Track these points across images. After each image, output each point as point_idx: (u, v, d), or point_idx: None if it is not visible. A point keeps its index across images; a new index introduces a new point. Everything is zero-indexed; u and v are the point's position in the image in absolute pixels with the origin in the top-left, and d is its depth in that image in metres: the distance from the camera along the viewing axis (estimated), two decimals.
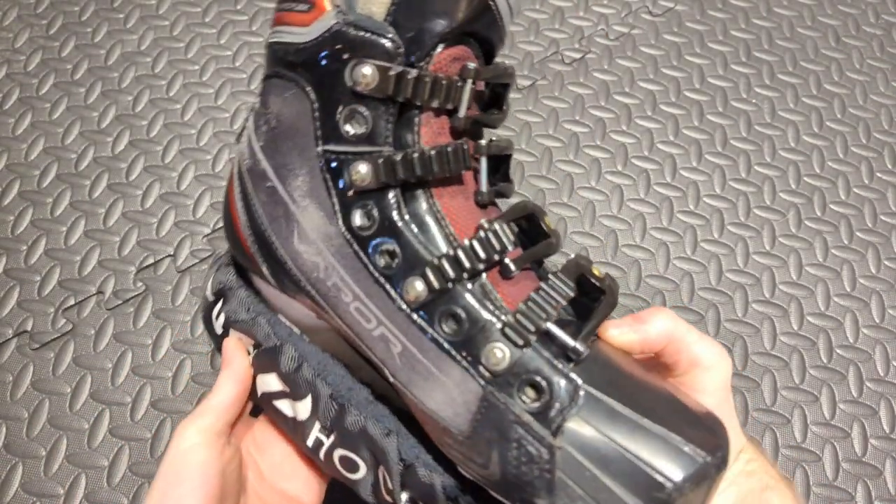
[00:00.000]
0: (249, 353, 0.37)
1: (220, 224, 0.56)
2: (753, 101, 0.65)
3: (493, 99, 0.34)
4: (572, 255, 0.32)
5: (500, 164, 0.35)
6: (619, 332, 0.32)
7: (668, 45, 0.67)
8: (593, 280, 0.31)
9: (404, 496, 0.33)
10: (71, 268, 0.53)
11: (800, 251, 0.57)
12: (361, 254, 0.31)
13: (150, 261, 0.54)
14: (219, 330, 0.39)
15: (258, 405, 0.39)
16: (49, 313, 0.52)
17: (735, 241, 0.57)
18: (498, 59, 0.34)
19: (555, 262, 0.34)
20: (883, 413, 0.51)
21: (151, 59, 0.64)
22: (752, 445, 0.35)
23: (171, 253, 0.54)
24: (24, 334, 0.51)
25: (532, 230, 0.33)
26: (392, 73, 0.29)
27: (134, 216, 0.56)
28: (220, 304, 0.38)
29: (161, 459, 0.46)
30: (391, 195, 0.31)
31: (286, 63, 0.32)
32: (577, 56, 0.66)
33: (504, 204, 0.35)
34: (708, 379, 0.33)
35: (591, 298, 0.31)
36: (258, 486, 0.37)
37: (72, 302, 0.52)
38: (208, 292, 0.39)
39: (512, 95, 0.63)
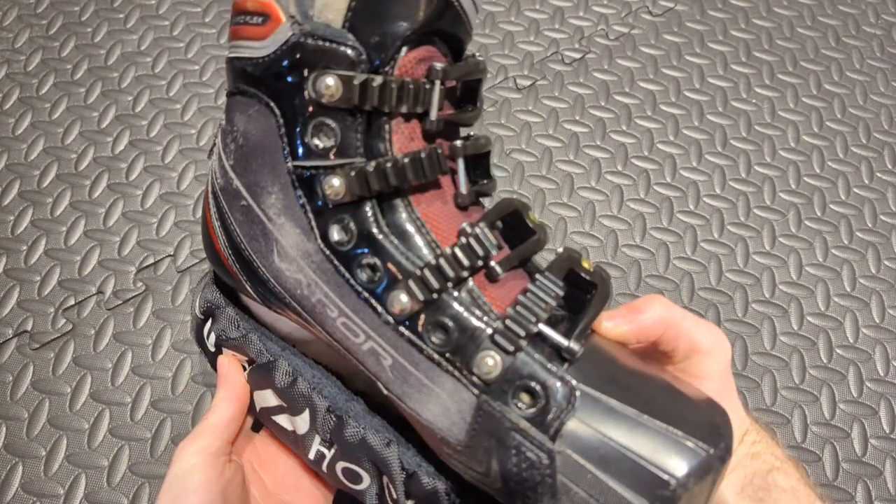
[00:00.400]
0: (245, 369, 0.37)
1: None
2: (753, 101, 0.65)
3: (467, 95, 0.33)
4: (561, 249, 0.32)
5: (480, 161, 0.34)
6: (614, 325, 0.31)
7: (668, 45, 0.67)
8: (583, 274, 0.31)
9: None
10: (71, 268, 0.53)
11: (800, 251, 0.57)
12: (342, 269, 0.30)
13: (150, 261, 0.54)
14: (212, 348, 0.38)
15: (258, 420, 0.38)
16: (49, 313, 0.52)
17: (735, 241, 0.57)
18: (469, 52, 0.33)
19: (547, 255, 0.33)
20: (883, 413, 0.51)
21: (151, 59, 0.64)
22: (757, 427, 0.34)
23: (171, 253, 0.54)
24: (24, 334, 0.51)
25: (518, 227, 0.33)
26: (356, 81, 0.28)
27: (134, 216, 0.56)
28: (209, 323, 0.38)
29: (160, 459, 0.47)
30: (367, 207, 0.30)
31: (247, 78, 0.31)
32: (577, 56, 0.66)
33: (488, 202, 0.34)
34: (708, 364, 0.32)
35: (583, 291, 0.31)
36: (263, 502, 0.36)
37: (72, 302, 0.52)
38: (197, 311, 0.39)
39: (512, 95, 0.64)
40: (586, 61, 0.66)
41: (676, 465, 0.26)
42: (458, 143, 0.32)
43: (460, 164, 0.32)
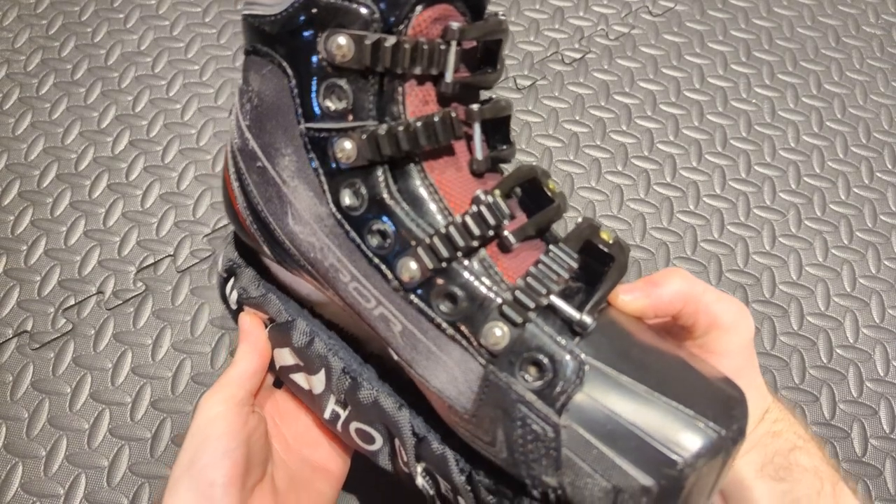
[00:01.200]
0: (266, 326, 0.37)
1: (221, 224, 0.56)
2: (753, 101, 0.65)
3: (487, 56, 0.32)
4: (580, 219, 0.31)
5: (500, 126, 0.33)
6: (632, 298, 0.30)
7: (668, 45, 0.67)
8: (600, 245, 0.30)
9: (419, 467, 0.33)
10: (71, 268, 0.53)
11: (800, 251, 0.57)
12: (354, 234, 0.30)
13: (150, 261, 0.54)
14: (234, 305, 0.39)
15: (278, 378, 0.39)
16: (49, 313, 0.52)
17: (735, 241, 0.57)
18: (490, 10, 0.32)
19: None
20: (883, 413, 0.51)
21: (151, 59, 0.64)
22: (779, 405, 0.33)
23: (171, 253, 0.54)
24: (24, 334, 0.51)
25: (536, 195, 0.32)
26: (368, 41, 0.28)
27: (134, 216, 0.56)
28: (232, 281, 0.38)
29: (160, 459, 0.47)
30: (379, 172, 0.29)
31: (260, 37, 0.30)
32: (577, 56, 0.66)
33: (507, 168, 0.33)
34: (728, 340, 0.31)
35: (601, 263, 0.30)
36: (285, 456, 0.37)
37: (72, 302, 0.52)
38: (220, 269, 0.39)
39: (512, 95, 0.63)
40: (586, 61, 0.66)
41: (685, 445, 0.26)
42: (475, 106, 0.31)
43: (476, 129, 0.31)
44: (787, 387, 0.51)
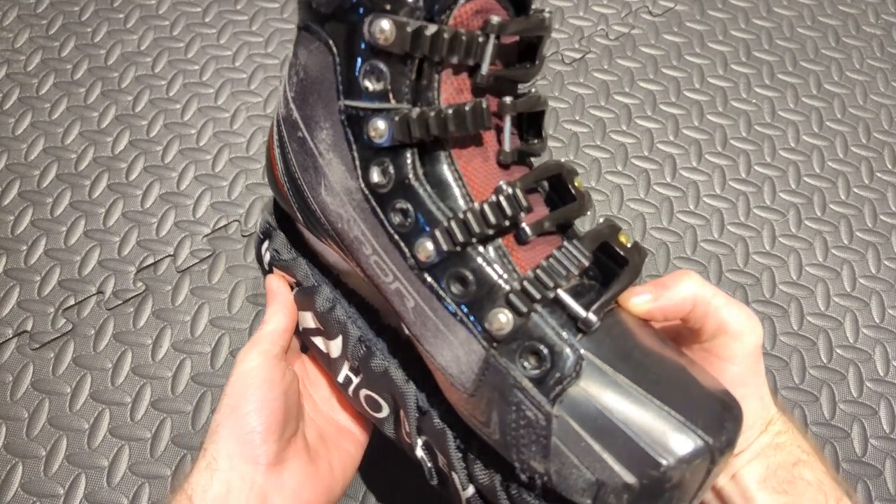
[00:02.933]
0: (292, 289, 0.39)
1: (221, 224, 0.56)
2: (753, 101, 0.65)
3: (528, 51, 0.33)
4: (601, 220, 0.31)
5: (533, 120, 0.34)
6: (641, 301, 0.31)
7: (668, 45, 0.67)
8: (617, 248, 0.31)
9: (420, 440, 0.35)
10: (71, 268, 0.53)
11: (800, 251, 0.57)
12: (378, 210, 0.31)
13: (150, 261, 0.54)
14: (267, 267, 0.41)
15: (301, 340, 0.41)
16: (49, 313, 0.52)
17: (735, 241, 0.57)
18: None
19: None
20: (883, 413, 0.51)
21: (151, 59, 0.64)
22: (784, 416, 0.33)
23: (171, 253, 0.54)
24: (24, 334, 0.51)
25: (562, 191, 0.33)
26: (409, 28, 0.28)
27: (134, 216, 0.56)
28: (266, 243, 0.41)
29: (160, 459, 0.47)
30: (408, 154, 0.30)
31: (312, 15, 0.32)
32: (577, 56, 0.66)
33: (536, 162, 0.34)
34: (735, 346, 0.31)
35: (618, 264, 0.31)
36: (314, 416, 0.39)
37: (72, 302, 0.52)
38: (258, 230, 0.42)
39: None
40: (586, 61, 0.66)
41: (671, 449, 0.26)
42: (508, 99, 0.31)
43: (507, 122, 0.31)
44: (787, 387, 0.51)
